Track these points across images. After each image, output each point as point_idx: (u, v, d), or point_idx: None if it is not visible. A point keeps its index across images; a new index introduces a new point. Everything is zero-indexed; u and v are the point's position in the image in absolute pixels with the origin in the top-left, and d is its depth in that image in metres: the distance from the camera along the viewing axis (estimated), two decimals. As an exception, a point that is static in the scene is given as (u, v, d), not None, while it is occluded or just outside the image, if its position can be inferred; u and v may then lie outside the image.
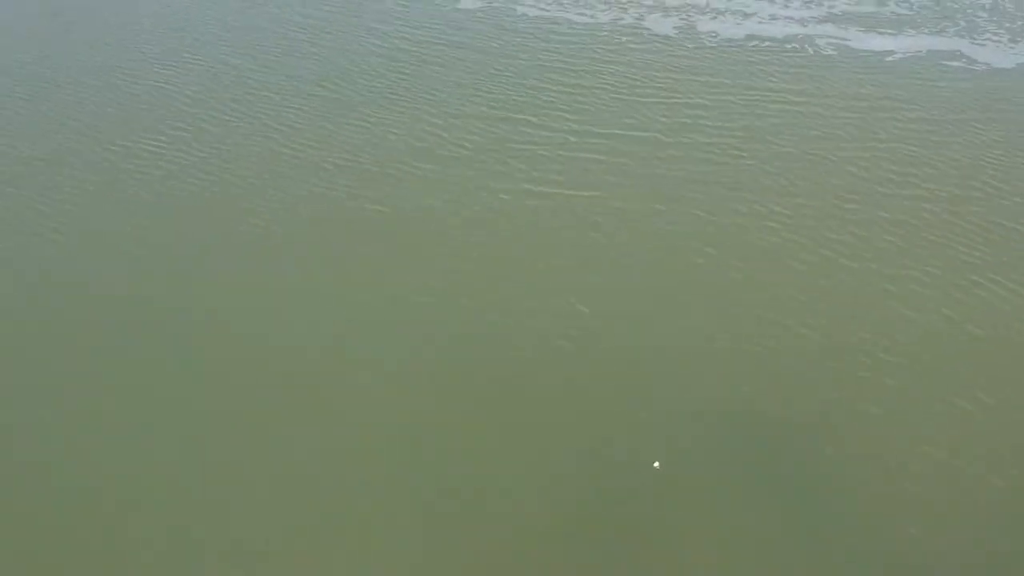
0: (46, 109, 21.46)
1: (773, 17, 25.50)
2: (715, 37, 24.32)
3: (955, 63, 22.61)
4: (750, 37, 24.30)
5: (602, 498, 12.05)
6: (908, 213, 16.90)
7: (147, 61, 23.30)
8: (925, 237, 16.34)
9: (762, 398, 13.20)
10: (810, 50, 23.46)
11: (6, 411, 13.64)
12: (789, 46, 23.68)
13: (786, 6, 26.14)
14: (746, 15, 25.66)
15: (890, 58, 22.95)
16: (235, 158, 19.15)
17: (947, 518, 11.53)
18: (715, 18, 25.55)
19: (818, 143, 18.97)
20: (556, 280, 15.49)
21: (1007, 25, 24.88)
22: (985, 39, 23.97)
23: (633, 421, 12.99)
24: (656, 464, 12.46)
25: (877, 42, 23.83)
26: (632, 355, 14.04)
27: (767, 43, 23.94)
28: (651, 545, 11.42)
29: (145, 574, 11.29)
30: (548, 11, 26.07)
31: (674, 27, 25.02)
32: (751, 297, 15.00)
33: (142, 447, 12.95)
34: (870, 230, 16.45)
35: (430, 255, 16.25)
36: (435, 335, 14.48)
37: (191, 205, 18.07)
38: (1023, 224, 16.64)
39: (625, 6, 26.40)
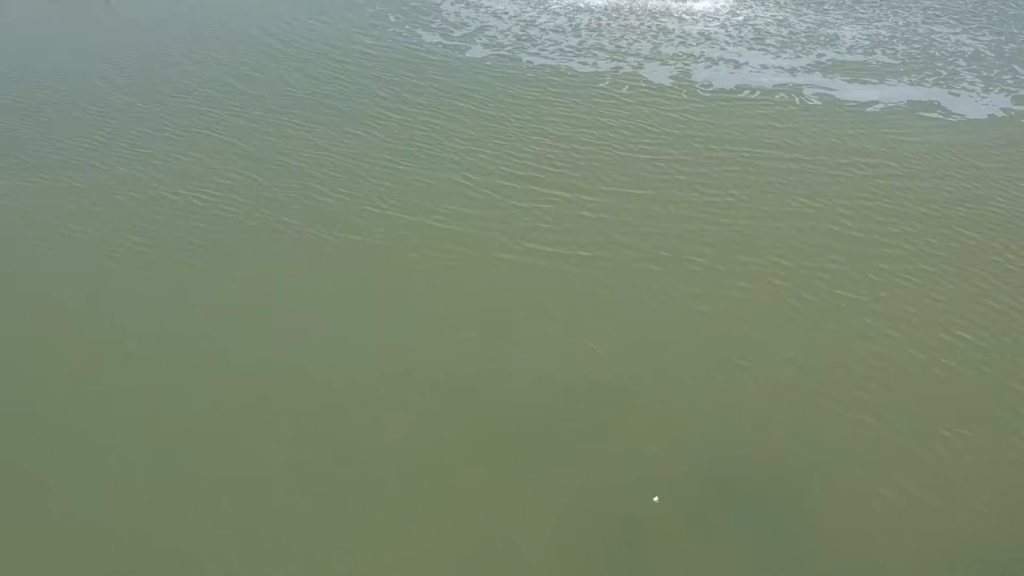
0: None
1: (764, 66, 27.07)
2: (708, 87, 25.88)
3: (932, 114, 24.10)
4: (741, 87, 25.86)
5: (601, 527, 13.57)
6: (886, 266, 18.42)
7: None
8: (900, 294, 17.85)
9: (756, 437, 14.72)
10: (797, 100, 25.00)
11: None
12: (778, 96, 25.23)
13: (777, 55, 27.72)
14: (738, 64, 27.22)
15: (871, 109, 24.47)
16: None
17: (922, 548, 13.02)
18: (709, 67, 27.13)
19: (804, 201, 20.36)
20: (550, 330, 16.98)
21: (984, 74, 26.36)
22: (961, 88, 25.47)
23: (632, 456, 14.53)
24: (655, 499, 14.00)
25: (860, 92, 25.36)
26: (630, 396, 15.56)
27: (757, 93, 25.49)
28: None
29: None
30: (552, 60, 27.70)
31: (670, 77, 26.59)
32: (744, 344, 16.46)
33: (127, 464, 14.21)
34: (856, 284, 17.92)
35: (431, 298, 17.80)
36: (433, 372, 16.01)
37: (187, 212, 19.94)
38: (992, 276, 18.19)
39: (624, 55, 28.00)
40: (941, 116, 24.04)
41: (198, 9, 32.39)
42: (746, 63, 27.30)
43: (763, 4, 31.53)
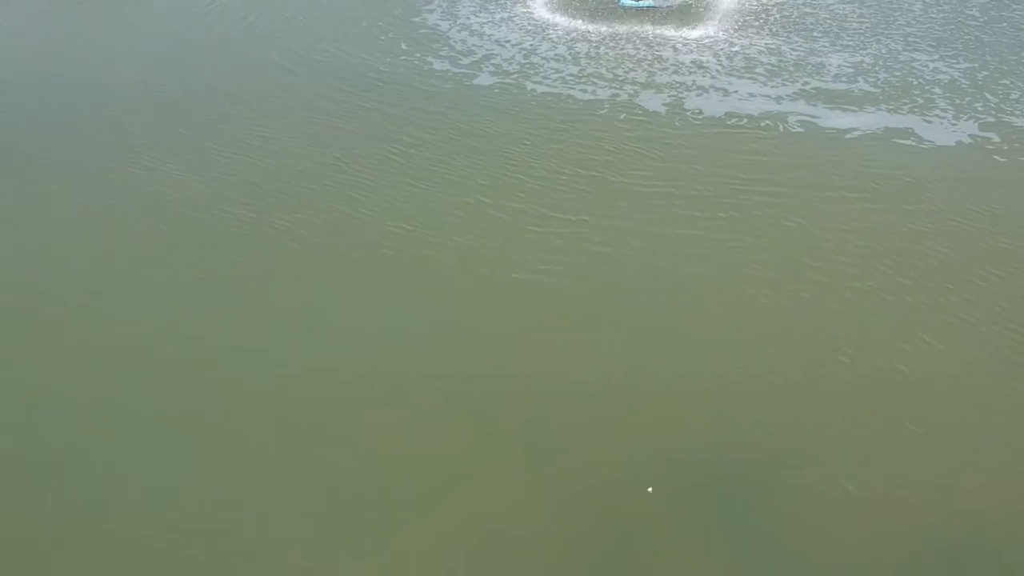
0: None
1: (751, 95, 28.90)
2: (699, 115, 27.73)
3: (906, 141, 25.93)
4: (729, 115, 27.69)
5: (599, 518, 15.32)
6: (861, 285, 20.35)
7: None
8: (882, 307, 19.71)
9: (753, 435, 16.61)
10: (781, 128, 26.85)
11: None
12: (763, 123, 27.07)
13: (765, 84, 29.55)
14: (727, 92, 29.06)
15: (850, 135, 26.32)
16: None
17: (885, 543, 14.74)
18: (700, 95, 28.96)
19: (788, 224, 22.26)
20: (552, 335, 19.04)
21: (956, 101, 28.22)
22: (934, 116, 27.30)
23: (629, 452, 16.34)
24: (650, 489, 15.75)
25: (840, 120, 27.20)
26: (630, 395, 17.51)
27: (744, 120, 27.33)
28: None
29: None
30: (554, 88, 29.53)
31: (664, 104, 28.44)
32: (738, 352, 18.52)
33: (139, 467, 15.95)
34: (840, 299, 19.94)
35: (435, 305, 19.83)
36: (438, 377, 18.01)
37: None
38: (962, 291, 20.06)
39: (622, 83, 29.83)
40: (914, 143, 25.86)
41: (201, 29, 34.12)
42: (735, 91, 29.12)
43: (758, 33, 33.15)
